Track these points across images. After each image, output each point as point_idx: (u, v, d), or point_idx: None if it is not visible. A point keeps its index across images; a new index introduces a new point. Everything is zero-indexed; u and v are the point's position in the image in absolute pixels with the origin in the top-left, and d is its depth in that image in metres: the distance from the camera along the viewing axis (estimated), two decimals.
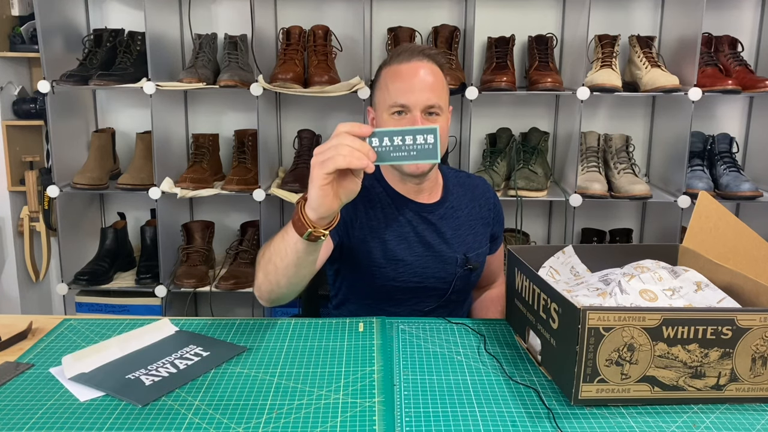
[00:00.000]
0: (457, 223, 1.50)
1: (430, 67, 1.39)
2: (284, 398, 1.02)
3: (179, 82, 2.26)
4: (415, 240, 1.46)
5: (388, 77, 1.40)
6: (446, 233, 1.48)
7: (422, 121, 1.36)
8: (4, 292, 2.57)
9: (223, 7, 2.53)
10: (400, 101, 1.36)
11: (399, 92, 1.36)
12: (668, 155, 2.41)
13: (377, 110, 1.43)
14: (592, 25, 2.29)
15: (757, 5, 2.46)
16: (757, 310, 1.00)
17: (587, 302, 1.12)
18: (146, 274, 2.40)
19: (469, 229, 1.52)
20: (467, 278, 1.52)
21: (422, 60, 1.39)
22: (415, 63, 1.38)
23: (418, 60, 1.38)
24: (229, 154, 2.55)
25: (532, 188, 2.27)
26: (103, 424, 0.94)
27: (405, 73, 1.38)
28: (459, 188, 1.56)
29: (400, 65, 1.39)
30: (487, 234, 1.57)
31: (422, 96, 1.36)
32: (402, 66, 1.38)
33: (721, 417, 0.98)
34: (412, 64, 1.38)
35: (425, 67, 1.38)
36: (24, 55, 2.46)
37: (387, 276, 1.45)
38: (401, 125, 1.35)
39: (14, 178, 2.50)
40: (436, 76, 1.39)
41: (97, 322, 1.31)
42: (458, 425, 0.95)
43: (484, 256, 1.56)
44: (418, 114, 1.36)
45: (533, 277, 1.15)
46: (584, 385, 0.97)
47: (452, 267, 1.48)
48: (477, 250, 1.52)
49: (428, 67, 1.39)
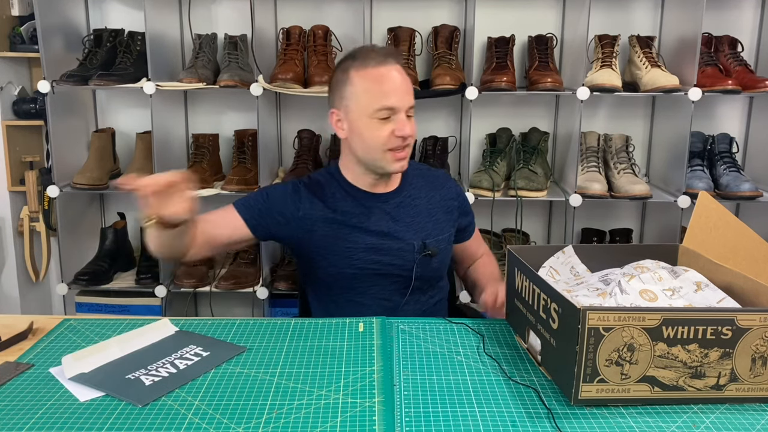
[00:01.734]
0: (415, 211, 1.56)
1: (401, 69, 1.47)
2: (284, 398, 1.02)
3: (179, 82, 2.26)
4: (369, 227, 1.51)
5: (367, 81, 1.43)
6: (403, 220, 1.54)
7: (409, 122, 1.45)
8: (4, 292, 2.57)
9: (223, 7, 2.53)
10: (389, 104, 1.42)
11: (385, 95, 1.42)
12: (668, 155, 2.41)
13: (353, 113, 1.45)
14: (592, 25, 2.29)
15: (757, 5, 2.46)
16: (756, 310, 1.00)
17: (587, 302, 1.12)
18: (146, 274, 2.40)
19: (428, 217, 1.57)
20: (427, 264, 1.54)
21: (394, 63, 1.46)
22: (390, 66, 1.44)
23: (392, 63, 1.45)
24: (229, 154, 2.55)
25: (532, 188, 2.27)
26: (103, 424, 0.94)
27: (387, 76, 1.43)
28: (418, 179, 1.62)
29: (378, 68, 1.43)
30: (451, 221, 1.62)
31: (406, 98, 1.45)
32: (380, 69, 1.43)
33: (721, 417, 0.98)
34: (388, 67, 1.44)
35: (400, 70, 1.46)
36: (24, 55, 2.46)
37: (341, 263, 1.50)
38: (387, 129, 1.43)
39: (14, 178, 2.50)
40: (407, 76, 1.48)
41: (97, 322, 1.31)
42: (458, 425, 0.95)
43: (444, 243, 1.59)
44: (403, 116, 1.44)
45: (533, 277, 1.15)
46: (584, 385, 0.97)
47: (410, 253, 1.52)
48: (436, 237, 1.55)
49: (401, 69, 1.47)
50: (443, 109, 2.50)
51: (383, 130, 1.42)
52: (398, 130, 1.42)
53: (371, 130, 1.43)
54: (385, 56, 1.45)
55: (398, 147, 1.44)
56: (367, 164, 1.49)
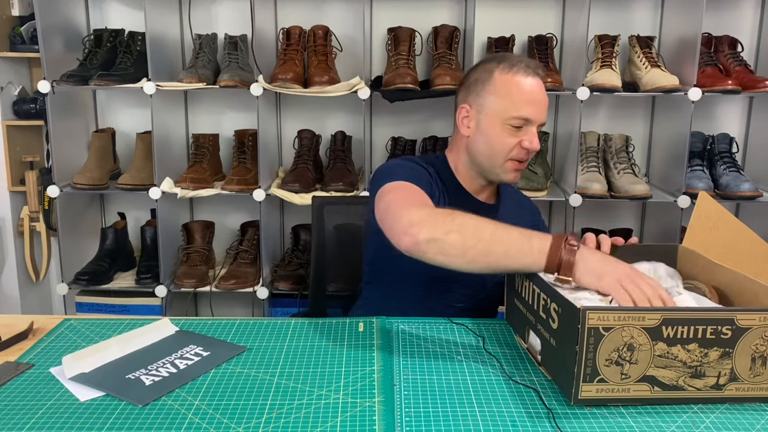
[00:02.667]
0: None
1: (543, 85, 1.45)
2: (284, 398, 1.02)
3: (179, 82, 2.26)
4: None
5: (511, 86, 1.41)
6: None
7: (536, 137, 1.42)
8: (4, 292, 2.57)
9: (223, 7, 2.53)
10: (526, 114, 1.40)
11: (525, 105, 1.40)
12: (668, 155, 2.41)
13: (486, 114, 1.43)
14: (592, 25, 2.29)
15: (757, 5, 2.46)
16: (756, 309, 1.00)
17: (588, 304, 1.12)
18: (146, 274, 2.40)
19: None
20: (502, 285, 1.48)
21: (539, 78, 1.44)
22: (536, 79, 1.42)
23: (538, 77, 1.43)
24: (229, 154, 2.55)
25: (532, 188, 2.27)
26: (103, 424, 0.94)
27: (531, 88, 1.41)
28: (510, 199, 1.60)
29: (526, 78, 1.41)
30: None
31: (543, 113, 1.43)
32: (528, 80, 1.41)
33: (720, 417, 0.98)
34: (535, 79, 1.42)
35: (542, 85, 1.44)
36: (24, 55, 2.46)
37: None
38: (516, 137, 1.41)
39: (14, 178, 2.50)
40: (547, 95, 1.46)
41: (97, 322, 1.31)
42: (458, 425, 0.95)
43: None
44: (535, 129, 1.42)
45: (533, 277, 1.15)
46: (584, 384, 0.97)
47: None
48: None
49: (542, 85, 1.44)
50: (443, 109, 2.50)
51: (512, 138, 1.40)
52: (527, 142, 1.40)
53: (501, 135, 1.41)
54: (533, 68, 1.42)
55: (521, 159, 1.43)
56: (482, 168, 1.46)
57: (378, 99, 2.39)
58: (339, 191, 2.27)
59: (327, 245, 1.83)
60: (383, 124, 2.57)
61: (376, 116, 2.56)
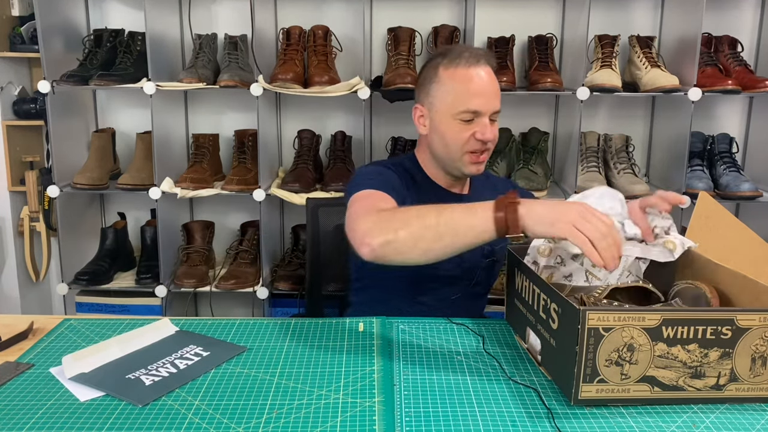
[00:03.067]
0: None
1: (492, 73, 1.43)
2: (284, 398, 1.02)
3: (179, 82, 2.26)
4: None
5: (455, 80, 1.41)
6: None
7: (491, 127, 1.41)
8: (4, 292, 2.57)
9: (223, 7, 2.53)
10: (473, 107, 1.39)
11: (470, 97, 1.39)
12: (668, 155, 2.41)
13: (436, 111, 1.44)
14: (592, 25, 2.29)
15: (757, 5, 2.46)
16: (756, 310, 1.00)
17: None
18: (146, 274, 2.40)
19: None
20: (490, 269, 1.54)
21: (485, 65, 1.42)
22: (482, 68, 1.41)
23: (483, 65, 1.41)
24: (229, 154, 2.55)
25: (532, 188, 2.27)
26: (103, 424, 0.94)
27: (475, 79, 1.40)
28: (484, 186, 1.60)
29: (469, 69, 1.40)
30: None
31: (492, 102, 1.41)
32: (471, 70, 1.40)
33: (720, 417, 0.98)
34: (480, 69, 1.41)
35: (490, 73, 1.42)
36: (24, 55, 2.46)
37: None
38: (468, 130, 1.40)
39: (14, 178, 2.50)
40: (497, 81, 1.44)
41: (97, 322, 1.31)
42: (458, 425, 0.95)
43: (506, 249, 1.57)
44: (487, 120, 1.41)
45: (533, 277, 1.15)
46: (584, 385, 0.98)
47: (477, 257, 1.50)
48: (501, 243, 1.52)
49: (491, 72, 1.43)
50: None
51: (464, 132, 1.41)
52: (479, 134, 1.40)
53: (453, 130, 1.42)
54: (476, 57, 1.41)
55: (477, 150, 1.42)
56: (444, 164, 1.48)
57: (378, 99, 2.39)
58: (339, 191, 2.27)
59: (322, 246, 1.83)
60: (383, 124, 2.57)
61: (376, 116, 2.56)
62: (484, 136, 1.40)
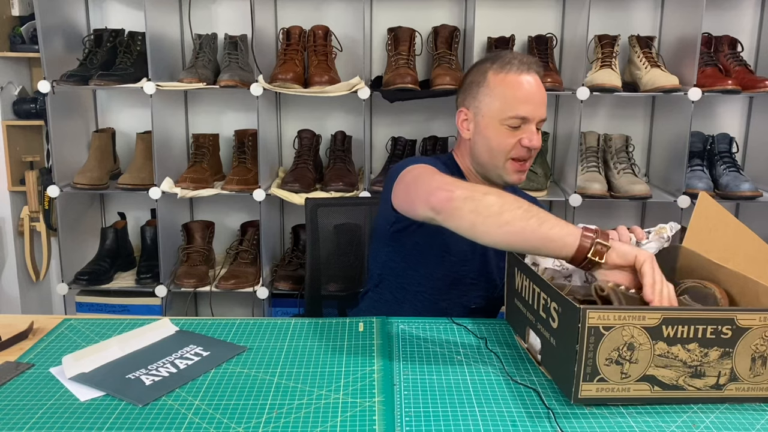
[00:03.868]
0: None
1: (540, 81, 1.43)
2: (284, 398, 1.02)
3: (179, 82, 2.26)
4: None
5: (505, 85, 1.40)
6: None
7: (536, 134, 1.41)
8: (4, 292, 2.57)
9: (223, 7, 2.53)
10: (522, 113, 1.39)
11: (520, 103, 1.39)
12: (668, 155, 2.41)
13: (483, 116, 1.43)
14: (592, 25, 2.29)
15: (757, 5, 2.46)
16: (756, 309, 1.00)
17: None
18: (146, 274, 2.40)
19: None
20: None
21: (535, 74, 1.42)
22: (531, 75, 1.41)
23: (533, 73, 1.41)
24: (229, 154, 2.55)
25: (531, 188, 2.27)
26: (103, 424, 0.94)
27: (525, 85, 1.40)
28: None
29: (519, 76, 1.40)
30: None
31: (540, 110, 1.41)
32: (521, 77, 1.40)
33: (721, 417, 0.98)
34: (530, 76, 1.40)
35: (539, 81, 1.42)
36: (24, 55, 2.46)
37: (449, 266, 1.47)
38: (514, 137, 1.40)
39: (14, 178, 2.50)
40: (544, 89, 1.44)
41: (97, 322, 1.31)
42: (458, 425, 0.95)
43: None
44: (534, 127, 1.41)
45: (533, 276, 1.15)
46: (584, 384, 0.97)
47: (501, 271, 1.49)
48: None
49: (539, 80, 1.43)
50: (443, 109, 2.50)
51: (511, 138, 1.40)
52: (526, 140, 1.39)
53: (499, 136, 1.41)
54: (527, 64, 1.41)
55: (521, 158, 1.42)
56: (486, 170, 1.46)
57: (378, 99, 2.39)
58: (339, 191, 2.27)
59: (321, 247, 1.83)
60: (383, 124, 2.57)
61: (376, 116, 2.56)
62: (531, 142, 1.40)
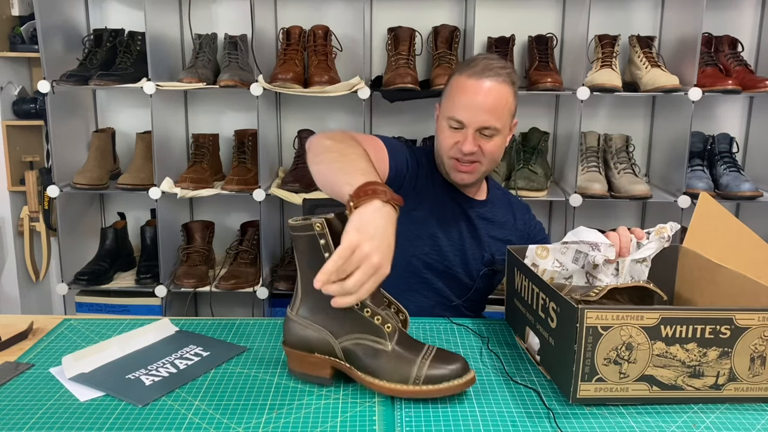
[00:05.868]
0: (492, 226, 1.56)
1: (498, 88, 1.40)
2: (284, 398, 1.02)
3: (179, 82, 2.26)
4: (453, 225, 1.51)
5: (455, 87, 1.43)
6: (480, 231, 1.53)
7: (474, 141, 1.41)
8: (4, 292, 2.57)
9: (223, 7, 2.53)
10: (458, 116, 1.41)
11: (459, 107, 1.41)
12: (668, 155, 2.41)
13: (440, 112, 1.49)
14: (592, 25, 2.29)
15: (757, 5, 2.46)
16: (755, 309, 0.99)
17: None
18: (146, 274, 2.40)
19: (502, 235, 1.56)
20: (490, 279, 1.55)
21: (494, 79, 1.39)
22: (484, 80, 1.39)
23: (492, 78, 1.39)
24: (229, 154, 2.55)
25: (532, 188, 2.27)
26: (103, 424, 0.94)
27: (470, 90, 1.40)
28: (501, 199, 1.62)
29: (469, 79, 1.41)
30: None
31: (480, 117, 1.40)
32: (470, 81, 1.41)
33: (721, 417, 0.98)
34: (481, 81, 1.39)
35: (495, 89, 1.39)
36: (24, 55, 2.46)
37: (421, 250, 1.48)
38: (454, 138, 1.42)
39: (14, 178, 2.50)
40: (501, 97, 1.40)
41: (97, 322, 1.31)
42: (458, 425, 0.95)
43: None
44: (471, 132, 1.41)
45: (532, 276, 1.15)
46: (582, 384, 0.98)
47: (477, 263, 1.52)
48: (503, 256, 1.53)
49: (496, 87, 1.39)
50: None
51: (450, 138, 1.43)
52: (460, 144, 1.42)
53: (442, 133, 1.45)
54: (486, 69, 1.40)
55: (459, 159, 1.44)
56: (440, 165, 1.51)
57: (378, 99, 2.39)
58: None
59: None
60: (383, 124, 2.57)
61: (376, 116, 2.56)
62: (463, 147, 1.41)
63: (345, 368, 1.03)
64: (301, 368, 1.05)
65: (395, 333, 1.01)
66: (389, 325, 1.01)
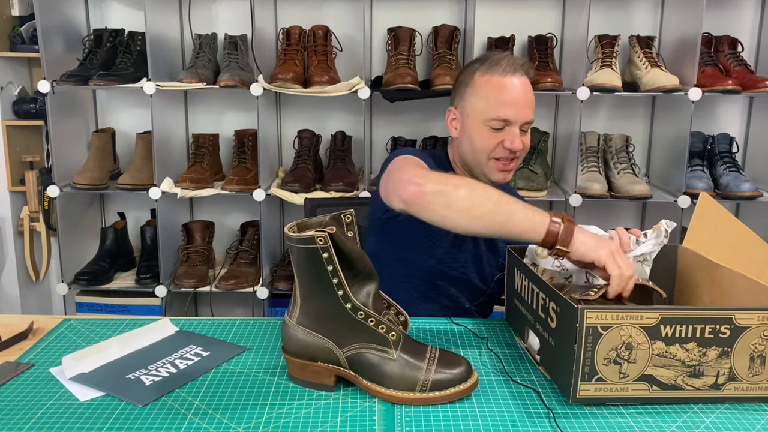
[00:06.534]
0: None
1: (528, 83, 1.43)
2: (284, 398, 1.02)
3: (179, 82, 2.26)
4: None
5: (489, 87, 1.42)
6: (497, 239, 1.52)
7: (520, 137, 1.41)
8: (4, 292, 2.57)
9: (223, 7, 2.53)
10: (503, 116, 1.40)
11: (502, 106, 1.40)
12: (668, 155, 2.41)
13: (468, 116, 1.45)
14: (592, 25, 2.29)
15: (757, 5, 2.46)
16: (755, 309, 0.99)
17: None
18: (146, 274, 2.40)
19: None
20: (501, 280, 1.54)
21: (523, 75, 1.42)
22: (518, 77, 1.41)
23: (519, 75, 1.41)
24: (229, 154, 2.55)
25: (532, 188, 2.27)
26: (103, 424, 0.94)
27: (509, 88, 1.40)
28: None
29: (504, 78, 1.41)
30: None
31: (524, 112, 1.41)
32: (506, 79, 1.41)
33: (721, 417, 0.98)
34: (516, 78, 1.41)
35: (526, 83, 1.43)
36: (24, 55, 2.46)
37: (438, 257, 1.48)
38: (497, 138, 1.41)
39: (14, 178, 2.50)
40: (531, 91, 1.44)
41: (97, 322, 1.31)
42: (458, 425, 0.95)
43: None
44: (517, 129, 1.41)
45: (532, 277, 1.15)
46: (582, 384, 0.98)
47: (492, 268, 1.53)
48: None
49: (527, 83, 1.43)
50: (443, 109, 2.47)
51: (493, 139, 1.42)
52: (508, 143, 1.41)
53: (481, 136, 1.43)
54: (514, 66, 1.41)
55: (504, 158, 1.43)
56: (471, 168, 1.48)
57: (378, 99, 2.39)
58: (339, 191, 2.27)
59: None
60: (383, 124, 2.57)
61: (376, 116, 2.56)
62: (513, 145, 1.40)
63: (350, 377, 1.04)
64: (304, 376, 1.05)
65: (399, 341, 1.02)
66: (393, 334, 1.01)
